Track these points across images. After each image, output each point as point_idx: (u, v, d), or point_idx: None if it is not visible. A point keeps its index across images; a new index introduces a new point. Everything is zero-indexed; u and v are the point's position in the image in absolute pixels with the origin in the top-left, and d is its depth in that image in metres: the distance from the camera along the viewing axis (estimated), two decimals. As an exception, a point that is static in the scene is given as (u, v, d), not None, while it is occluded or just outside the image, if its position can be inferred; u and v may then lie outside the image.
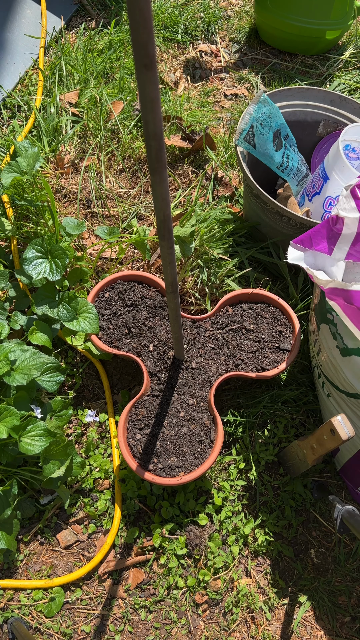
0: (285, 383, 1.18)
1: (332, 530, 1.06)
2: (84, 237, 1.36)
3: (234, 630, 0.97)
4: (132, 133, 1.51)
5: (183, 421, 1.02)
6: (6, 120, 1.56)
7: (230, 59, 1.88)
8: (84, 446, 1.12)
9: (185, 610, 0.98)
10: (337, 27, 1.75)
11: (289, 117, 1.32)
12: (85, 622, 0.97)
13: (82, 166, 1.43)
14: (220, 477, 1.08)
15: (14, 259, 1.24)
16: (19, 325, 1.10)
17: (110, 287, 1.15)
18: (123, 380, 1.21)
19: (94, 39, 1.75)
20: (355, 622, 0.98)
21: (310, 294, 1.26)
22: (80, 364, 1.20)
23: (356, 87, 1.74)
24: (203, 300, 1.24)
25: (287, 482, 1.08)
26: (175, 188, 1.46)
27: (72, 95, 1.55)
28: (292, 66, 1.84)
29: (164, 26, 1.89)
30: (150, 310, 1.13)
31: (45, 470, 0.91)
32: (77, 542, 1.04)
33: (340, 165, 1.10)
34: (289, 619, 0.98)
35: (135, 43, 0.40)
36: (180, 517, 1.03)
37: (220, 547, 1.02)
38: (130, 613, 0.98)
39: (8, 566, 1.01)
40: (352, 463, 1.03)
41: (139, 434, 1.00)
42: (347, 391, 0.93)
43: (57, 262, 1.02)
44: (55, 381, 1.01)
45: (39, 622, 0.96)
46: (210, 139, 1.49)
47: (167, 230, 0.63)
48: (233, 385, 1.19)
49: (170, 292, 0.79)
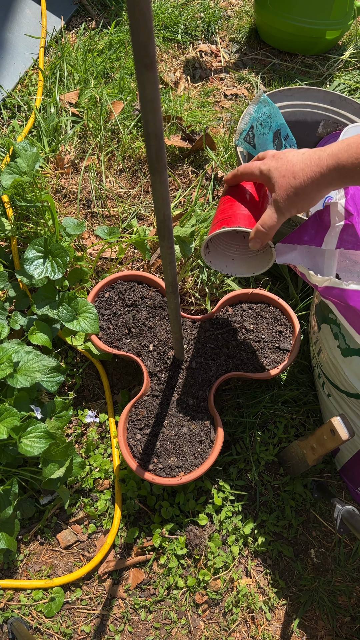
0: (285, 383, 1.18)
1: (332, 530, 1.06)
2: (84, 237, 1.36)
3: (234, 631, 0.97)
4: (132, 133, 1.51)
5: (183, 421, 1.02)
6: (6, 120, 1.56)
7: (230, 59, 1.88)
8: (84, 446, 1.12)
9: (185, 610, 0.98)
10: (337, 27, 1.75)
11: (289, 117, 1.32)
12: (85, 622, 0.97)
13: (82, 166, 1.43)
14: (220, 477, 1.08)
15: (14, 259, 1.24)
16: (19, 325, 1.10)
17: (110, 287, 1.15)
18: (123, 380, 1.21)
19: (94, 39, 1.75)
20: (355, 622, 0.98)
21: (311, 294, 1.26)
22: (80, 364, 1.20)
23: (356, 87, 1.74)
24: (203, 300, 1.24)
25: (287, 482, 1.08)
26: (175, 188, 1.46)
27: (72, 95, 1.55)
28: (292, 66, 1.84)
29: (164, 26, 1.89)
30: (150, 310, 1.13)
31: (45, 471, 0.91)
32: (77, 542, 1.04)
33: (340, 165, 1.09)
34: (289, 619, 0.98)
35: (135, 43, 0.40)
36: (180, 517, 1.03)
37: (220, 547, 1.02)
38: (130, 613, 0.98)
39: (8, 566, 1.01)
40: (352, 463, 1.03)
41: (139, 434, 1.00)
42: (348, 391, 0.93)
43: (58, 261, 1.02)
44: (55, 381, 1.01)
45: (39, 622, 0.96)
46: (210, 139, 1.49)
47: (167, 230, 0.63)
48: (233, 385, 1.19)
49: (170, 292, 0.79)
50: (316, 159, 0.64)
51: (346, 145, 0.61)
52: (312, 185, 0.64)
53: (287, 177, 0.66)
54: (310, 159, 0.65)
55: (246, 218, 0.77)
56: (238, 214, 0.77)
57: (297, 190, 0.65)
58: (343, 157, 0.61)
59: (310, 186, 0.64)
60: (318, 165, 0.64)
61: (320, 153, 0.64)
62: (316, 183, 0.64)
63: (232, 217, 0.77)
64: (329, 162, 0.63)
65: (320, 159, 0.64)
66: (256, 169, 0.72)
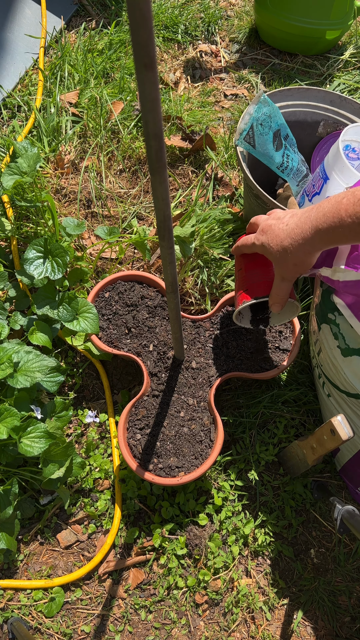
0: (285, 383, 1.18)
1: (332, 530, 1.06)
2: (84, 237, 1.36)
3: (234, 631, 0.97)
4: (132, 133, 1.51)
5: (183, 421, 1.02)
6: (6, 120, 1.56)
7: (230, 59, 1.88)
8: (84, 446, 1.12)
9: (185, 611, 0.98)
10: (337, 27, 1.75)
11: (289, 117, 1.32)
12: (85, 622, 0.97)
13: (82, 166, 1.43)
14: (220, 477, 1.08)
15: (14, 259, 1.24)
16: (19, 325, 1.10)
17: (110, 287, 1.15)
18: (123, 380, 1.21)
19: (94, 39, 1.75)
20: (355, 622, 0.98)
21: (311, 294, 1.26)
22: (80, 364, 1.20)
23: (356, 87, 1.74)
24: (203, 300, 1.24)
25: (287, 482, 1.08)
26: (175, 188, 1.46)
27: (72, 95, 1.55)
28: (292, 66, 1.84)
29: (164, 26, 1.89)
30: (150, 310, 1.13)
31: (45, 471, 0.91)
32: (77, 542, 1.04)
33: (340, 165, 1.09)
34: (289, 619, 0.98)
35: (135, 43, 0.40)
36: (180, 517, 1.03)
37: (220, 547, 1.02)
38: (130, 613, 0.98)
39: (8, 566, 1.01)
40: (352, 463, 1.03)
41: (139, 434, 1.00)
42: (348, 391, 0.93)
43: (58, 261, 1.02)
44: (55, 382, 1.01)
45: (39, 622, 0.96)
46: (210, 139, 1.49)
47: (167, 230, 0.63)
48: (233, 385, 1.19)
49: (170, 292, 0.79)
50: (300, 232, 0.71)
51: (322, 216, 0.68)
52: (305, 255, 0.72)
53: (282, 253, 0.74)
54: (295, 233, 0.72)
55: (262, 285, 0.86)
56: (253, 285, 0.87)
57: (295, 261, 0.74)
58: (323, 228, 0.68)
59: (304, 256, 0.73)
60: (303, 238, 0.71)
61: (303, 226, 0.71)
62: (308, 253, 0.72)
63: (249, 288, 0.87)
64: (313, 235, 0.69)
65: (304, 231, 0.71)
66: (252, 243, 0.82)
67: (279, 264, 0.76)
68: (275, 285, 0.81)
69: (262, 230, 0.79)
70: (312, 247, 0.70)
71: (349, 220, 0.64)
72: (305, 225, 0.70)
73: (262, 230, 0.79)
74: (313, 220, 0.69)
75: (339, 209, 0.65)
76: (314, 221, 0.69)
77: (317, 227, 0.68)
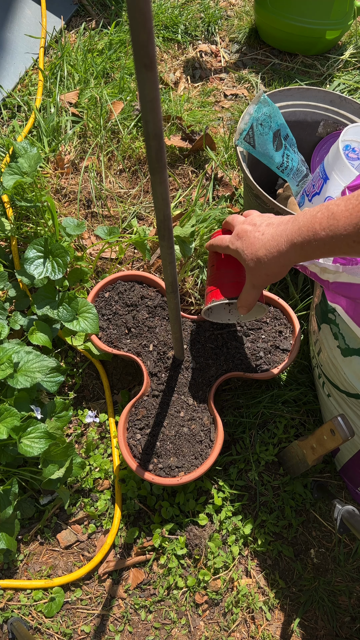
0: (285, 383, 1.18)
1: (332, 530, 1.06)
2: (84, 237, 1.36)
3: (234, 631, 0.97)
4: (132, 133, 1.51)
5: (183, 421, 1.02)
6: (6, 120, 1.56)
7: (230, 59, 1.88)
8: (84, 446, 1.12)
9: (185, 610, 0.98)
10: (337, 27, 1.75)
11: (289, 117, 1.32)
12: (85, 622, 0.97)
13: (82, 166, 1.43)
14: (220, 477, 1.08)
15: (14, 259, 1.24)
16: (19, 325, 1.10)
17: (110, 287, 1.15)
18: (123, 380, 1.21)
19: (94, 39, 1.75)
20: (355, 622, 0.98)
21: (310, 294, 1.26)
22: (80, 364, 1.20)
23: (356, 87, 1.74)
24: (203, 300, 1.24)
25: (287, 482, 1.08)
26: (175, 188, 1.46)
27: (72, 95, 1.55)
28: (292, 66, 1.84)
29: (164, 26, 1.89)
30: (150, 310, 1.13)
31: (45, 471, 0.91)
32: (77, 542, 1.04)
33: (340, 165, 1.10)
34: (289, 619, 0.98)
35: (135, 43, 0.40)
36: (180, 517, 1.03)
37: (220, 547, 1.02)
38: (130, 613, 0.98)
39: (8, 566, 1.01)
40: (352, 463, 1.03)
41: (139, 434, 1.00)
42: (348, 391, 0.93)
43: (58, 261, 1.02)
44: (55, 382, 1.01)
45: (39, 622, 0.96)
46: (210, 139, 1.49)
47: (167, 230, 0.63)
48: (233, 385, 1.19)
49: (170, 292, 0.79)
50: (275, 245, 0.72)
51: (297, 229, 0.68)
52: (278, 268, 0.73)
53: (255, 262, 0.75)
54: (270, 245, 0.72)
55: (232, 286, 0.87)
56: (225, 285, 0.88)
57: (268, 272, 0.75)
58: (298, 242, 0.68)
59: (277, 268, 0.73)
60: (279, 251, 0.71)
61: (278, 239, 0.71)
62: (282, 265, 0.73)
63: (220, 287, 0.88)
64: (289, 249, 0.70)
65: (279, 244, 0.71)
66: (226, 246, 0.82)
67: (252, 272, 0.77)
68: (245, 290, 0.82)
69: (237, 235, 0.79)
70: (286, 260, 0.71)
71: (322, 233, 0.64)
72: (281, 239, 0.71)
73: (238, 235, 0.79)
74: (289, 234, 0.70)
75: (314, 223, 0.66)
76: (289, 235, 0.69)
77: (292, 240, 0.69)
